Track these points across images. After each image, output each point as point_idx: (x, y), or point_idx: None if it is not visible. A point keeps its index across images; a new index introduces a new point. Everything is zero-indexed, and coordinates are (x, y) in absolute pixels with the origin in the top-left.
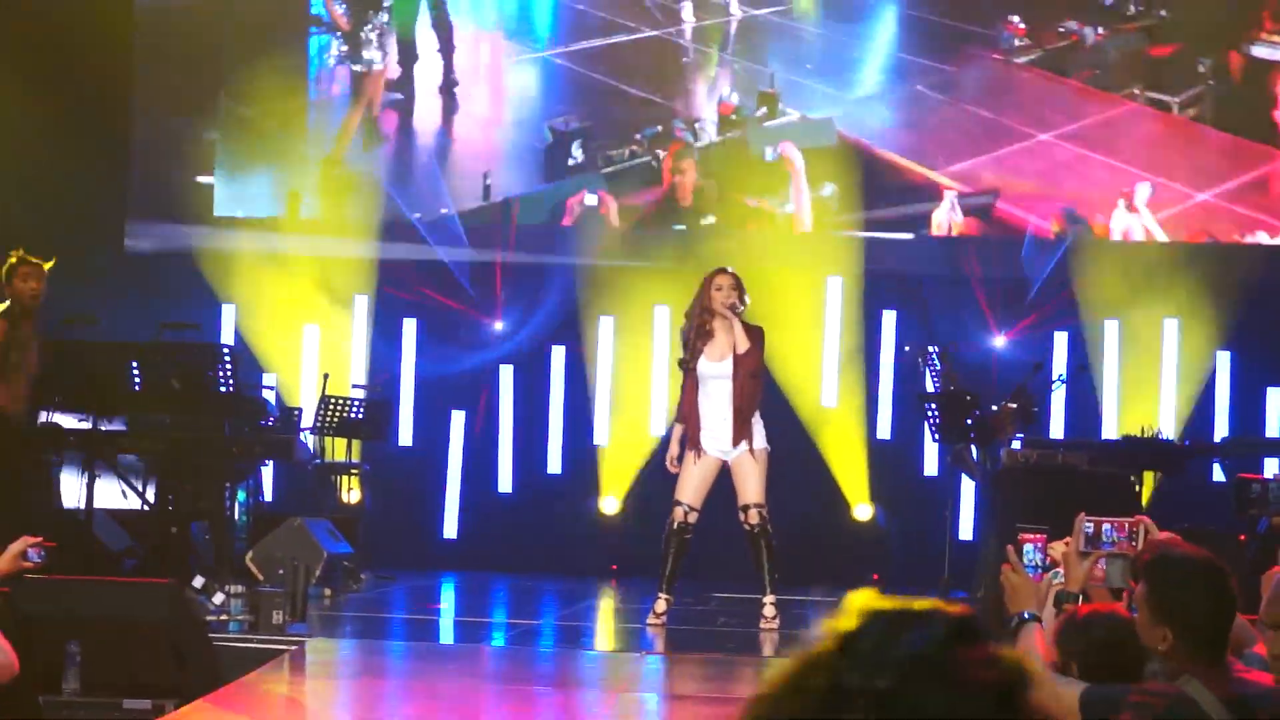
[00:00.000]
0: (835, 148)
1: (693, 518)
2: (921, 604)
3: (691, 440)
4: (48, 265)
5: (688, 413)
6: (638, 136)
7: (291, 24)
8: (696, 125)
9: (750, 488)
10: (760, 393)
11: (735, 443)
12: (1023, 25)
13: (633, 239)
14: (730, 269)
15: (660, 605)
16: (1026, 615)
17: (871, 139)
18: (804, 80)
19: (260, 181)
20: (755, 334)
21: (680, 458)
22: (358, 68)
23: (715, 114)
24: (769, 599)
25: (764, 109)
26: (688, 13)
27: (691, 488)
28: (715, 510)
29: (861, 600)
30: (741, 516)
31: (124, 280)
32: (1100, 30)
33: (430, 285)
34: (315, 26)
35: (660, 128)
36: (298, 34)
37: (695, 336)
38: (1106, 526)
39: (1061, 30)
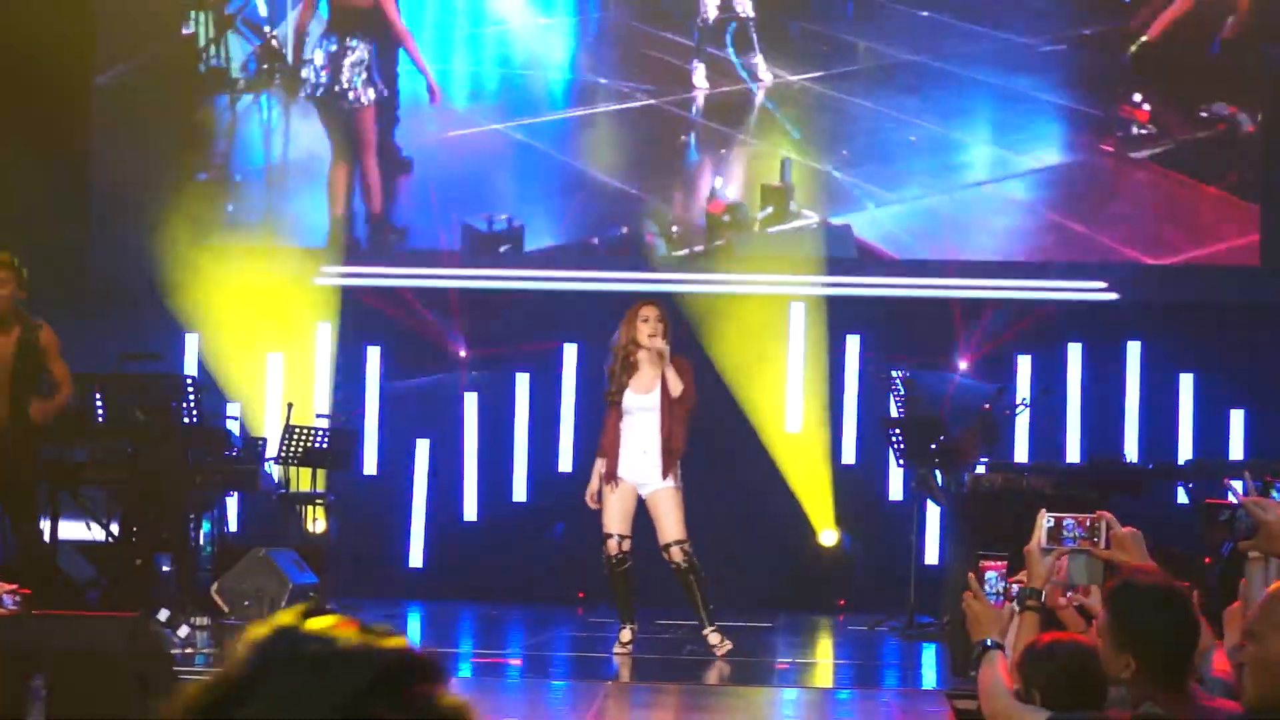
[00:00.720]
0: (853, 259)
1: (626, 545)
2: (355, 636)
3: (609, 472)
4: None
5: (609, 445)
6: (595, 241)
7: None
8: (673, 231)
9: (669, 526)
10: (687, 429)
11: (663, 476)
12: (1146, 106)
13: (595, 266)
14: (655, 301)
15: (625, 635)
16: (989, 643)
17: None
18: (834, 171)
19: (224, 210)
20: (685, 368)
21: (599, 493)
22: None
23: (701, 213)
24: (710, 629)
25: (769, 208)
26: (700, 77)
27: (617, 517)
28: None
29: (279, 628)
30: (665, 556)
31: (85, 310)
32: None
33: (393, 312)
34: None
35: (625, 229)
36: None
37: (620, 369)
38: (1068, 522)
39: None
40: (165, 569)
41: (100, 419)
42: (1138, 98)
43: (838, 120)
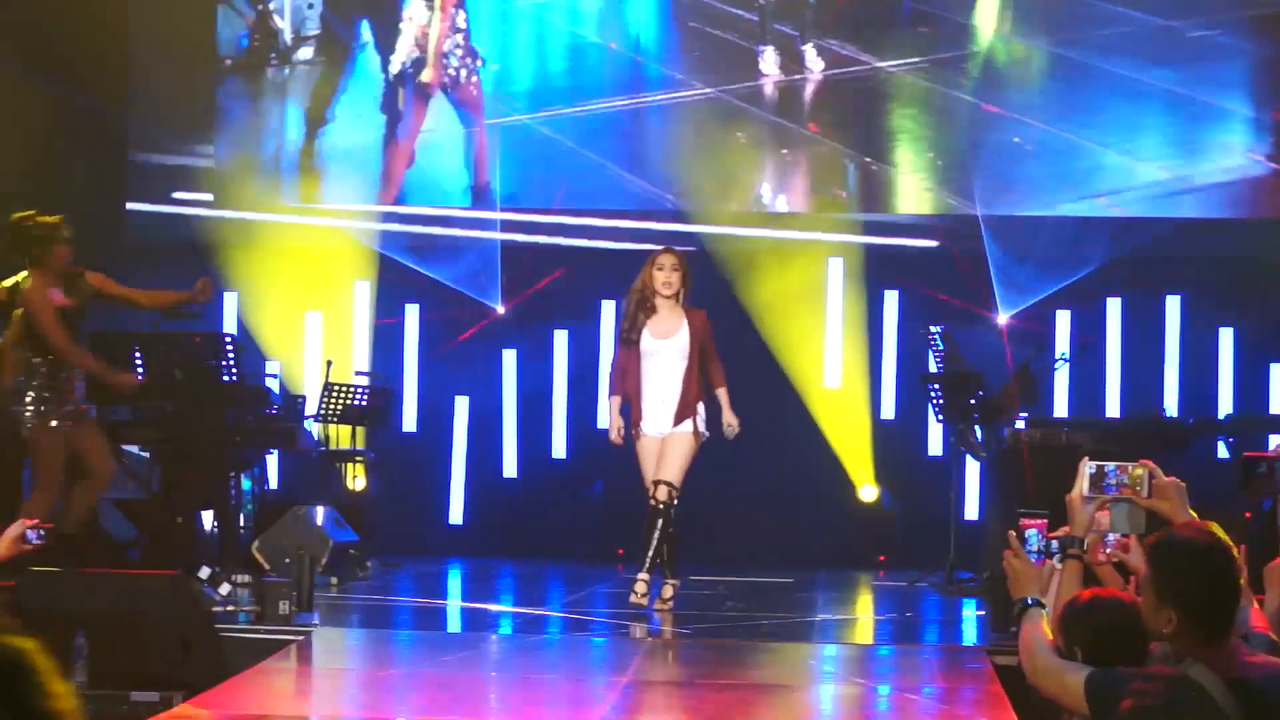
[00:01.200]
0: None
1: (675, 494)
2: None
3: (635, 420)
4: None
5: (632, 390)
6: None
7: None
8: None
9: (666, 464)
10: (702, 379)
11: (676, 423)
12: None
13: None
14: (674, 248)
15: (668, 590)
16: (1030, 600)
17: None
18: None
19: (263, 168)
20: (697, 318)
21: (624, 431)
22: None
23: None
24: (643, 576)
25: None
26: (769, 62)
27: (654, 472)
28: (711, 494)
29: None
30: (650, 489)
31: (125, 269)
32: None
33: (432, 270)
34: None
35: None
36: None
37: (636, 309)
38: (1110, 470)
39: None
40: (206, 527)
41: (140, 378)
42: None
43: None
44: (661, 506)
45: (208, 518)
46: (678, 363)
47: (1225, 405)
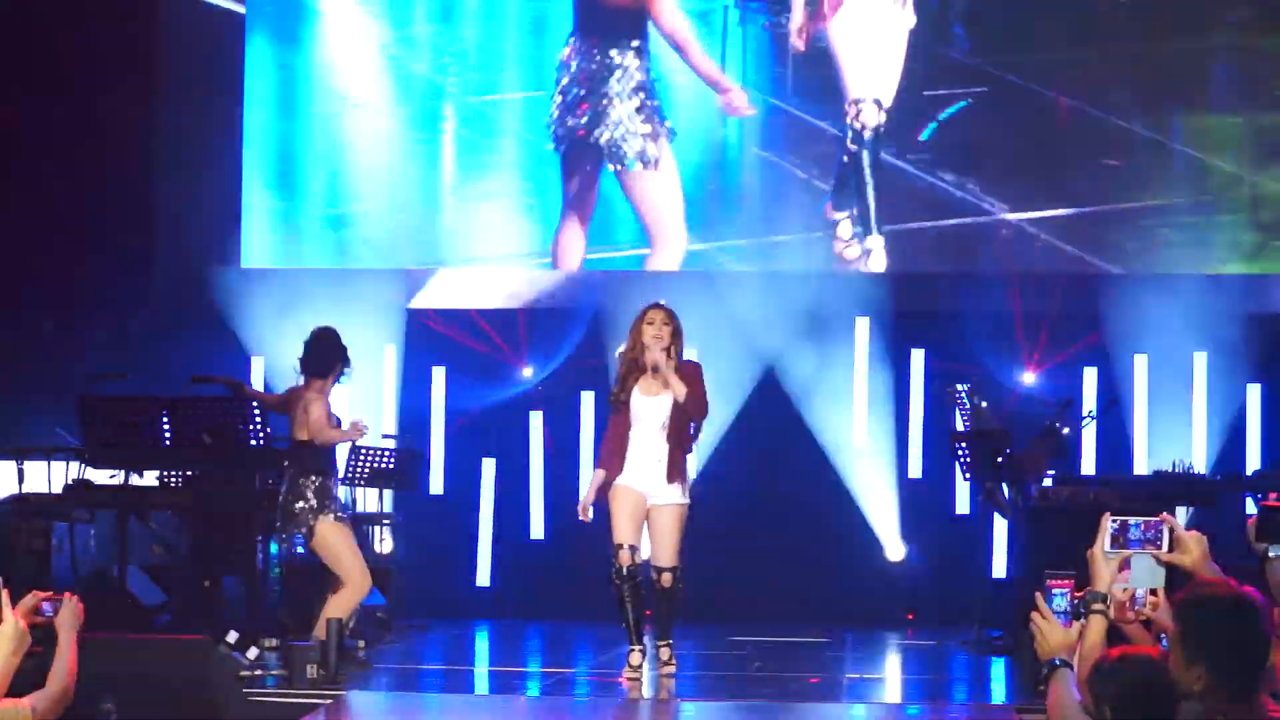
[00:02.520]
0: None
1: (638, 557)
2: None
3: (609, 481)
4: None
5: (614, 449)
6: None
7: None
8: None
9: (664, 549)
10: (693, 437)
11: (668, 482)
12: None
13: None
14: (663, 303)
15: (635, 658)
16: (1058, 661)
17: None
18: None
19: (290, 231)
20: (691, 370)
21: (593, 504)
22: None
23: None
24: (665, 644)
25: None
26: None
27: (628, 527)
28: (738, 551)
29: None
30: (654, 576)
31: (151, 335)
32: None
33: (458, 333)
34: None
35: None
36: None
37: (627, 371)
38: (1132, 524)
39: None
40: (234, 591)
41: (167, 442)
42: None
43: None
44: (671, 591)
45: (236, 582)
46: (666, 420)
47: (1253, 461)
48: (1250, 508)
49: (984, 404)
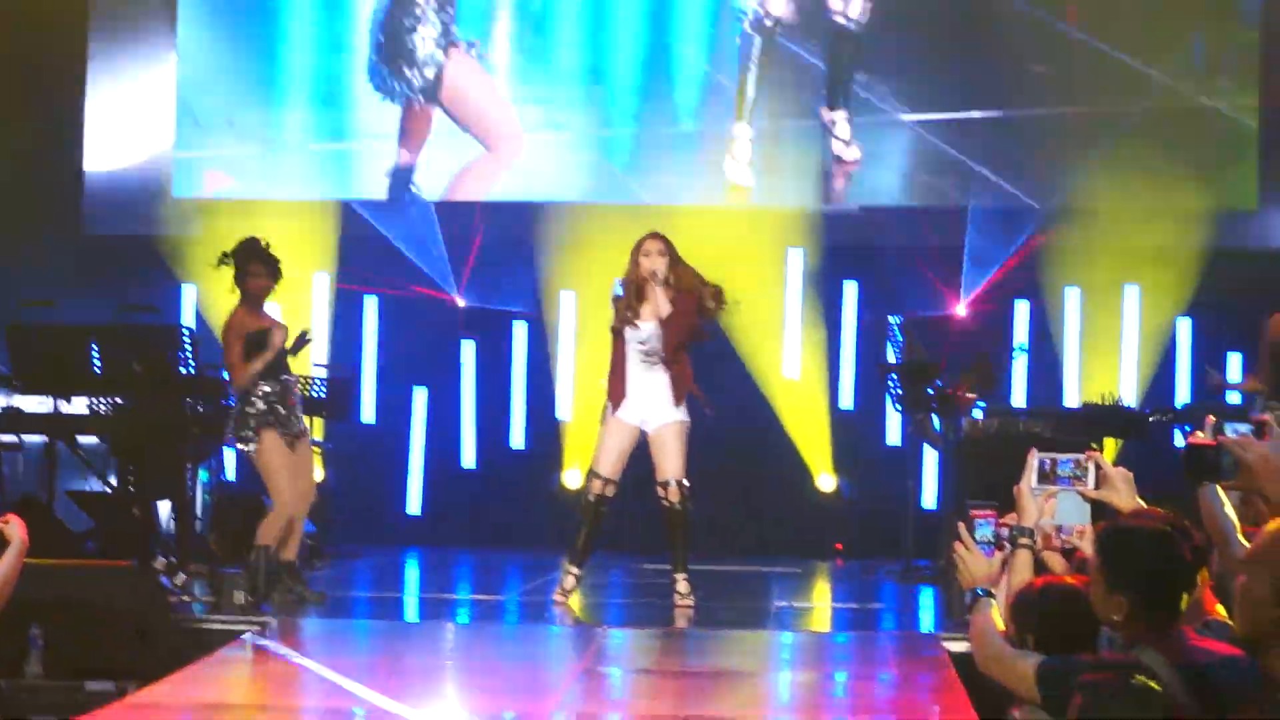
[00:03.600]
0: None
1: (610, 490)
2: None
3: (614, 407)
4: None
5: (614, 379)
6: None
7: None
8: None
9: (669, 462)
10: (687, 361)
11: (664, 403)
12: None
13: (595, 213)
14: (659, 233)
15: (569, 581)
16: (980, 591)
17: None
18: None
19: (217, 161)
20: (684, 302)
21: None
22: None
23: None
24: (681, 576)
25: None
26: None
27: (610, 460)
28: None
29: None
30: (660, 492)
31: (81, 263)
32: None
33: (390, 262)
34: None
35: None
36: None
37: (626, 303)
38: (1060, 461)
39: None
40: (162, 518)
41: (97, 371)
42: None
43: None
44: (679, 507)
45: (164, 509)
46: (656, 345)
47: (1183, 394)
48: (1180, 440)
49: (915, 336)
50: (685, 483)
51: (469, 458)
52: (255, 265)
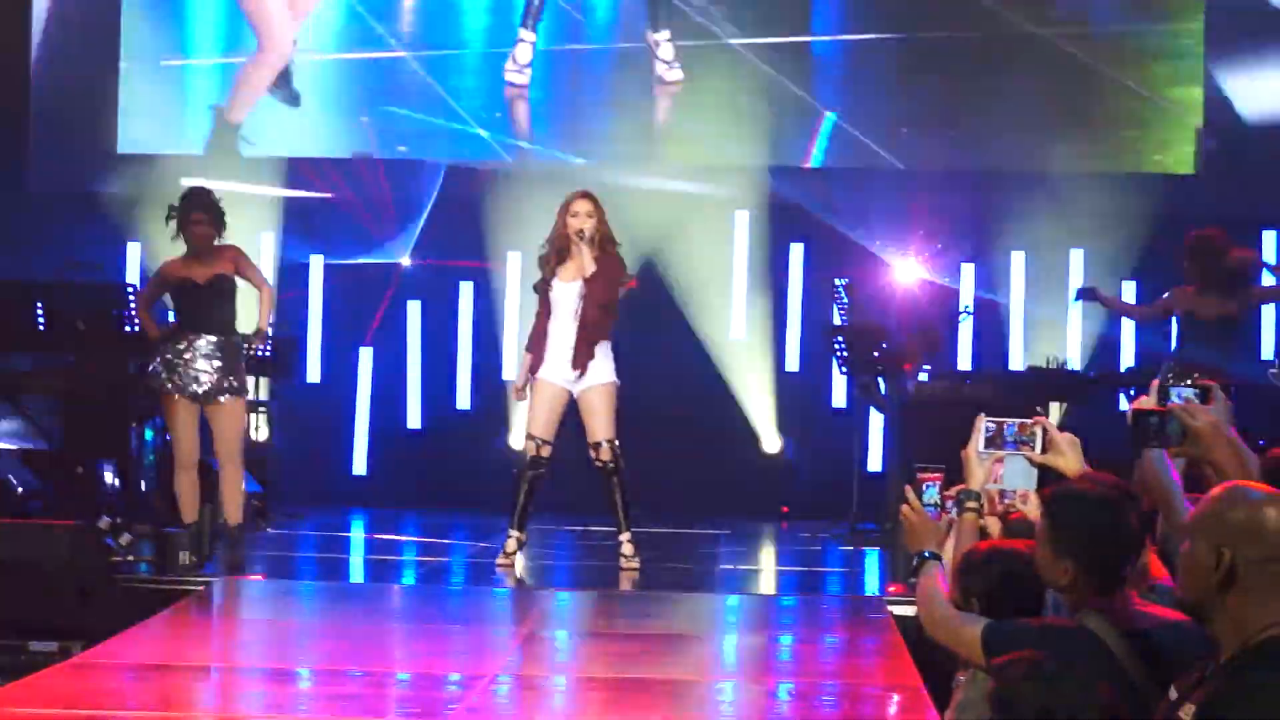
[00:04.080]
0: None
1: (545, 451)
2: None
3: (535, 368)
4: None
5: (536, 340)
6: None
7: None
8: None
9: (598, 423)
10: (608, 322)
11: (573, 368)
12: None
13: (540, 174)
14: (589, 191)
15: (510, 544)
16: (927, 554)
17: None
18: None
19: (164, 118)
20: (609, 261)
21: (525, 387)
22: None
23: None
24: (625, 537)
25: None
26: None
27: (541, 420)
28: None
29: None
30: (592, 454)
31: (25, 220)
32: None
33: (337, 221)
34: None
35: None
36: None
37: (549, 258)
38: (1007, 426)
39: None
40: (107, 478)
41: (41, 328)
42: None
43: None
44: (611, 466)
45: (109, 468)
46: (580, 306)
47: (1127, 358)
48: (1124, 404)
49: (861, 298)
50: (616, 442)
51: (414, 418)
52: (198, 213)
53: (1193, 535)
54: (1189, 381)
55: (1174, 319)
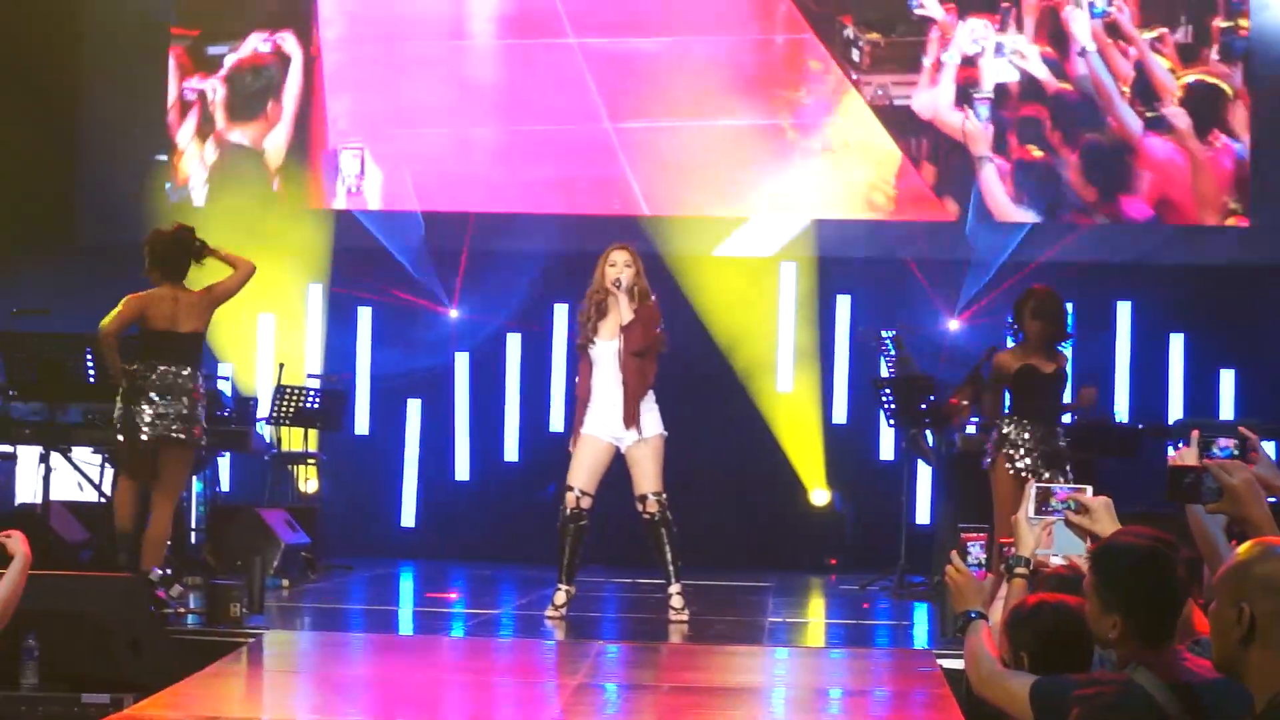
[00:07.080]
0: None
1: (585, 502)
2: None
3: (579, 422)
4: None
5: (581, 395)
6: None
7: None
8: None
9: (646, 476)
10: (650, 373)
11: (626, 425)
12: None
13: (585, 226)
14: (626, 244)
15: (560, 597)
16: (973, 614)
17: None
18: None
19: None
20: (645, 311)
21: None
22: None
23: None
24: (674, 589)
25: None
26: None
27: (582, 472)
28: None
29: None
30: (640, 507)
31: (77, 271)
32: None
33: (384, 273)
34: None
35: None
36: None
37: (592, 316)
38: (1055, 489)
39: None
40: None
41: (91, 379)
42: None
43: None
44: (659, 518)
45: None
46: (618, 361)
47: (1175, 411)
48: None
49: (908, 351)
50: (663, 495)
51: (463, 470)
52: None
53: (1218, 592)
54: (1229, 435)
55: None
